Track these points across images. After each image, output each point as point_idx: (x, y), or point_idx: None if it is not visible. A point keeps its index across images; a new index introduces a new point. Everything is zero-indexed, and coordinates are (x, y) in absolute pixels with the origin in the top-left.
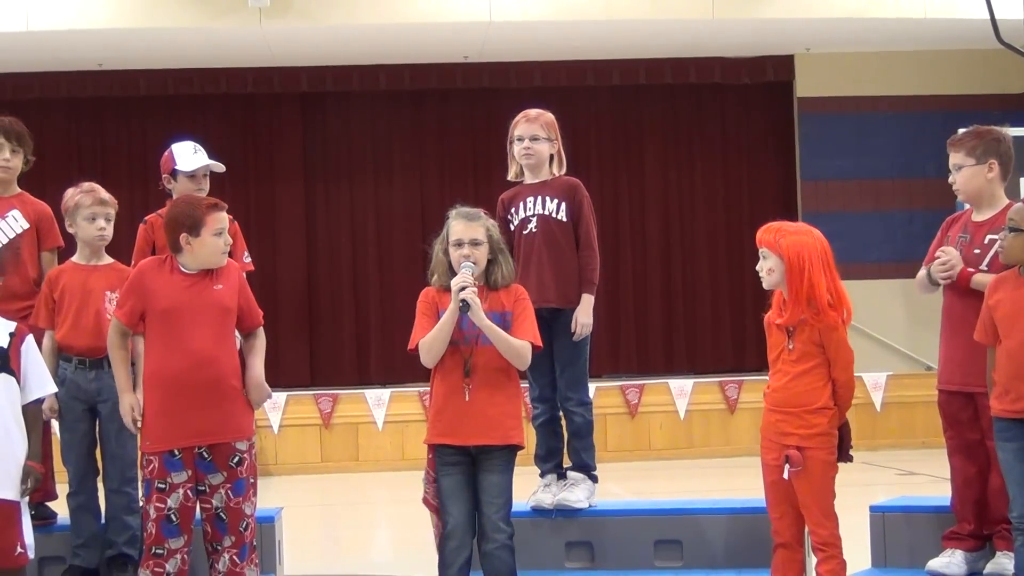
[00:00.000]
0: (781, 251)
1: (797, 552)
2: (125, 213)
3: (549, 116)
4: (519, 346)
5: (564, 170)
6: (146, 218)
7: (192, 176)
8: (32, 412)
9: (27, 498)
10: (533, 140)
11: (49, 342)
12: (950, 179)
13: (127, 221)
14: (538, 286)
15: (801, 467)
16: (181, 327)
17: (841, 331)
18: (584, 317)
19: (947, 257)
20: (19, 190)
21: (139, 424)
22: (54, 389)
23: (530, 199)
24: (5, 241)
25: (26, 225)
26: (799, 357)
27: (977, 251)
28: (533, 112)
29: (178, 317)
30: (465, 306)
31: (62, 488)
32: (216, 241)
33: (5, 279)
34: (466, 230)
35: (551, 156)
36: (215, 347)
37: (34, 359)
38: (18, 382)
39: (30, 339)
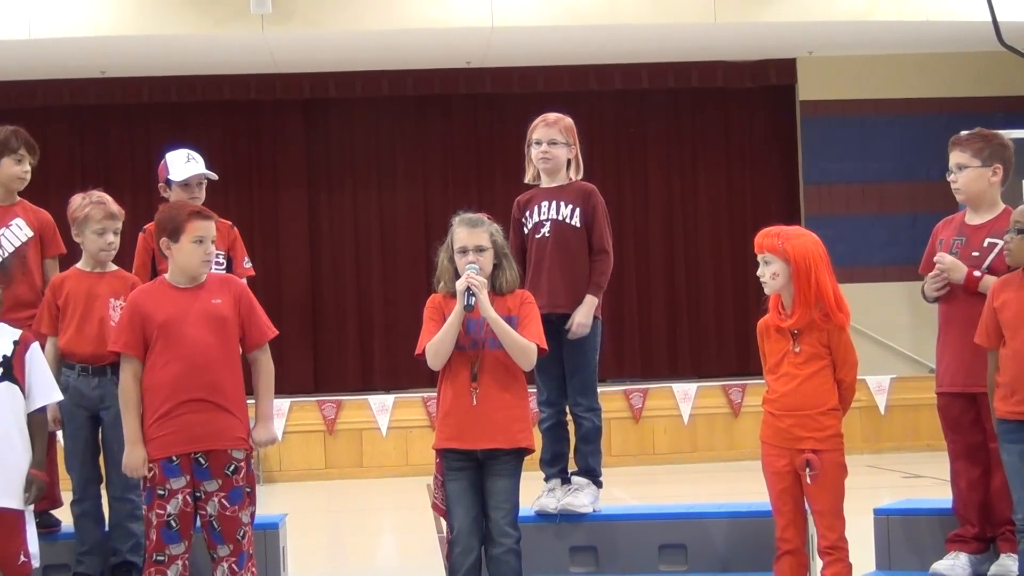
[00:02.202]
0: (787, 255)
1: (803, 557)
2: (128, 220)
3: (568, 121)
4: (525, 343)
5: (581, 175)
6: (145, 227)
7: (185, 185)
8: (37, 420)
9: (32, 506)
10: (551, 144)
11: (52, 349)
12: (950, 177)
13: (129, 228)
14: (549, 291)
15: (820, 471)
16: (178, 335)
17: (847, 332)
18: (581, 317)
19: (942, 267)
20: (19, 198)
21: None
22: (59, 397)
23: (545, 203)
24: (11, 250)
25: (30, 233)
26: (807, 360)
27: (976, 254)
28: (552, 116)
29: (175, 327)
30: (471, 296)
31: (68, 496)
32: (195, 248)
33: (12, 287)
34: (470, 237)
35: (568, 161)
36: (212, 354)
37: (39, 367)
38: (22, 390)
39: (35, 347)
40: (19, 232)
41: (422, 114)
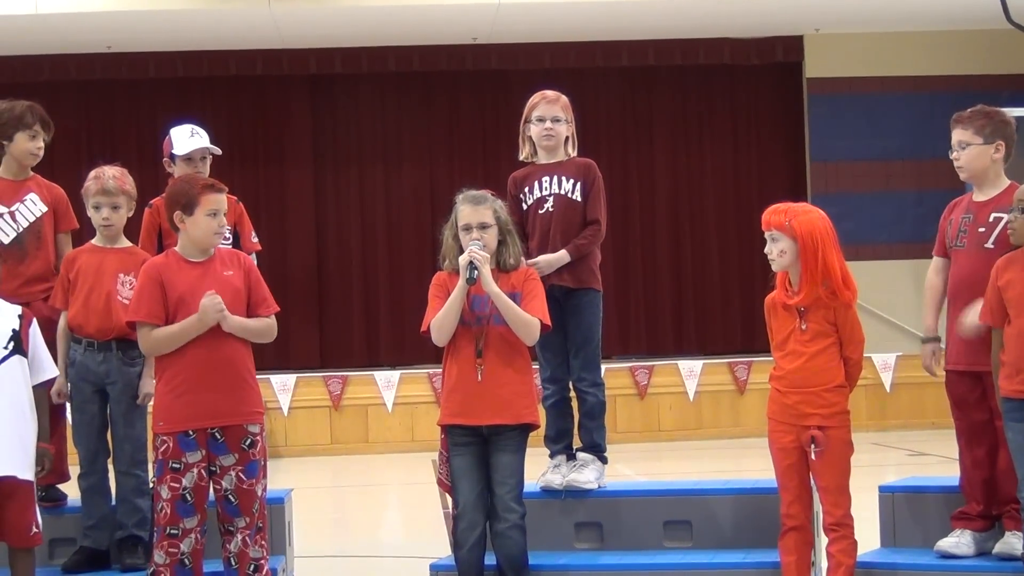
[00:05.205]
0: (794, 232)
1: (808, 534)
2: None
3: (565, 98)
4: (527, 318)
5: (576, 151)
6: (151, 202)
7: (189, 159)
8: (39, 394)
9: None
10: (555, 121)
11: (64, 323)
12: (953, 155)
13: (136, 204)
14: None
15: (825, 447)
16: (194, 311)
17: (854, 309)
18: (544, 261)
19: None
20: (32, 173)
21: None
22: (57, 372)
23: (546, 179)
24: (26, 225)
25: (44, 208)
26: (813, 337)
27: (982, 230)
28: (551, 93)
29: (192, 302)
30: (473, 269)
31: (74, 470)
32: (209, 222)
33: (28, 262)
34: (473, 214)
35: (567, 137)
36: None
37: (40, 342)
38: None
39: (36, 322)
40: (33, 207)
41: (428, 90)
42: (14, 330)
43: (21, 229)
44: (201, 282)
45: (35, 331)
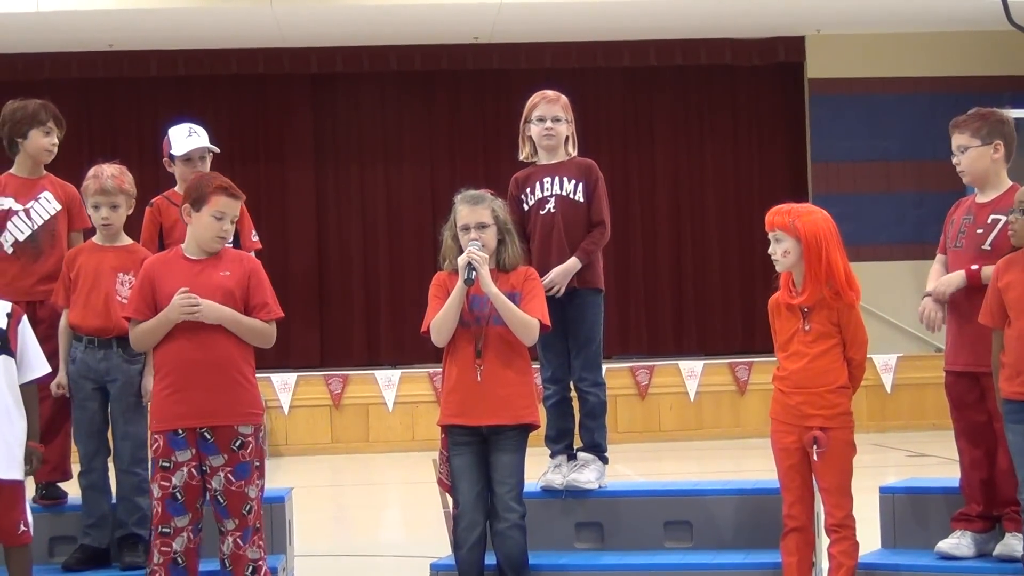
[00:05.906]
0: (798, 232)
1: (809, 534)
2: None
3: (565, 98)
4: (526, 319)
5: (576, 151)
6: (152, 200)
7: (187, 159)
8: (28, 392)
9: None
10: (555, 121)
11: (65, 321)
12: (954, 160)
13: (137, 202)
14: (557, 266)
15: (827, 448)
16: None
17: (858, 310)
18: (557, 275)
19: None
20: (45, 172)
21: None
22: (48, 369)
23: (547, 179)
24: (41, 223)
25: (58, 206)
26: (816, 338)
27: (980, 231)
28: (551, 93)
29: None
30: (471, 270)
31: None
32: (212, 223)
33: (44, 260)
34: (471, 214)
35: (567, 137)
36: (220, 329)
37: (30, 340)
38: (15, 363)
39: (25, 319)
40: (48, 205)
41: (429, 90)
42: (1, 329)
43: (36, 227)
44: (194, 281)
45: (24, 328)
